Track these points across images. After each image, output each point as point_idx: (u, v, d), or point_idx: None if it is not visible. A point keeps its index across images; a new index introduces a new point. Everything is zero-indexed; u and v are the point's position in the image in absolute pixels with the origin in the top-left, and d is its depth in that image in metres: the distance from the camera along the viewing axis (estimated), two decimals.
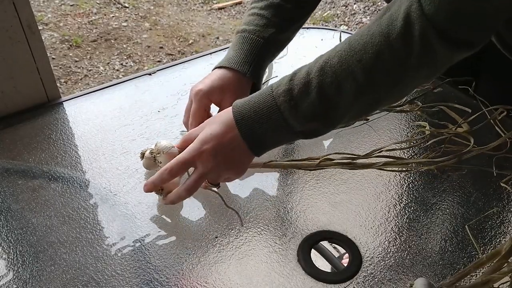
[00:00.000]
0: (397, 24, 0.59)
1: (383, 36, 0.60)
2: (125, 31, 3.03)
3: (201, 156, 0.68)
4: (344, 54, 0.62)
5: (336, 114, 0.65)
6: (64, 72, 2.66)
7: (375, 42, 0.60)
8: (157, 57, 2.82)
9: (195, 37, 3.02)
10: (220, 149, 0.68)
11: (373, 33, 0.61)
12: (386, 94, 0.65)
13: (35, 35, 0.89)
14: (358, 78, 0.62)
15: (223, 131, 0.68)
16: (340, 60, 0.62)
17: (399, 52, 0.60)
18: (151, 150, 0.77)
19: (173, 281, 0.65)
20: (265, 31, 0.83)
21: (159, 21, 3.16)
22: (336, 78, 0.62)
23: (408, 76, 0.63)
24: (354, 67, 0.61)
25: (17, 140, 0.86)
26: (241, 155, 0.69)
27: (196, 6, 3.38)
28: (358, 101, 0.64)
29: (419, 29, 0.58)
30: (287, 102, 0.65)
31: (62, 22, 3.04)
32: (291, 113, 0.65)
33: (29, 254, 0.68)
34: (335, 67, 0.63)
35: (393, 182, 0.80)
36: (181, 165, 0.69)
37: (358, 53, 0.61)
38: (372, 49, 0.60)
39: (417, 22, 0.58)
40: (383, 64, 0.61)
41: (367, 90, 0.63)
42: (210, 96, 0.79)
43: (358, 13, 3.29)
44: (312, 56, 1.08)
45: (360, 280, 0.66)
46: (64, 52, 2.80)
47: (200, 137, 0.69)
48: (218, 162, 0.68)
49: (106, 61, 2.76)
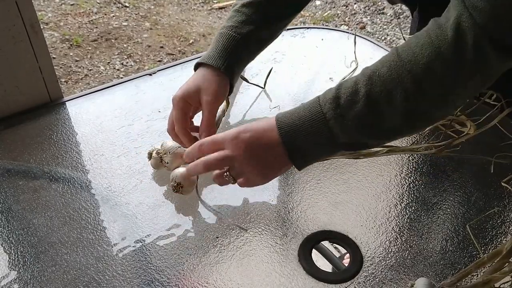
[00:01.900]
0: (447, 34, 0.58)
1: (433, 47, 0.59)
2: (125, 30, 3.03)
3: (234, 140, 0.66)
4: (393, 65, 0.61)
5: (384, 125, 0.63)
6: (65, 72, 2.66)
7: (425, 53, 0.59)
8: (157, 57, 2.82)
9: (196, 37, 3.02)
10: (255, 142, 0.66)
11: (423, 44, 0.60)
12: (437, 107, 0.63)
13: (37, 34, 0.89)
14: (408, 88, 0.60)
15: (263, 128, 0.66)
16: (389, 70, 0.61)
17: (452, 63, 0.59)
18: (158, 150, 0.78)
19: (174, 281, 0.65)
20: (243, 27, 0.82)
21: (160, 20, 3.15)
22: (385, 87, 0.61)
23: (460, 87, 0.61)
24: (404, 77, 0.60)
25: (18, 140, 0.86)
26: (275, 159, 0.66)
27: (196, 5, 3.38)
28: (407, 114, 0.62)
29: (472, 38, 0.57)
30: (333, 110, 0.62)
31: (62, 22, 3.04)
32: (336, 121, 0.62)
33: (30, 255, 0.68)
34: (384, 76, 0.61)
35: (394, 182, 0.80)
36: (211, 143, 0.68)
37: (408, 64, 0.60)
38: (422, 60, 0.59)
39: (470, 32, 0.57)
40: (435, 75, 0.60)
41: (417, 101, 0.61)
42: (187, 99, 0.78)
43: (359, 13, 3.29)
44: (312, 56, 1.09)
45: (361, 280, 0.66)
46: (64, 51, 2.80)
47: (238, 128, 0.67)
48: (248, 154, 0.66)
49: (107, 61, 2.76)
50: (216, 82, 0.79)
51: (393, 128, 0.64)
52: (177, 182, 0.73)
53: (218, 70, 0.79)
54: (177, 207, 0.76)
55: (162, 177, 0.79)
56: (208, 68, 0.79)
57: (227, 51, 0.80)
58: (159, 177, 0.80)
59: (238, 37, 0.81)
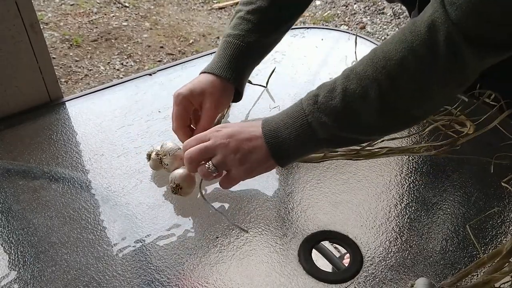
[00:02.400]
0: (421, 31, 0.58)
1: (406, 43, 0.60)
2: (125, 30, 3.03)
3: (216, 132, 0.69)
4: (369, 62, 0.62)
5: (360, 121, 0.64)
6: (65, 72, 2.66)
7: (399, 49, 0.60)
8: (157, 57, 2.82)
9: (196, 37, 3.02)
10: (236, 134, 0.68)
11: (397, 41, 0.61)
12: (413, 104, 0.63)
13: (37, 34, 0.89)
14: (382, 85, 0.61)
15: (247, 125, 0.70)
16: (365, 67, 0.62)
17: (424, 58, 0.59)
18: (157, 152, 0.78)
19: (174, 281, 0.65)
20: (250, 36, 0.82)
21: (160, 20, 3.15)
22: (360, 84, 0.62)
23: (435, 84, 0.61)
24: (378, 74, 0.61)
25: (18, 140, 0.86)
26: (255, 152, 0.68)
27: (196, 5, 3.38)
28: (382, 110, 0.63)
29: (444, 34, 0.57)
30: (311, 106, 0.65)
31: (62, 22, 3.04)
32: (314, 116, 0.65)
33: (30, 255, 0.68)
34: (360, 73, 0.63)
35: (394, 182, 0.80)
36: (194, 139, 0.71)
37: (382, 60, 0.61)
38: (395, 56, 0.60)
39: (442, 28, 0.57)
40: (408, 71, 0.60)
41: (391, 98, 0.62)
42: (191, 98, 0.78)
43: (359, 13, 3.29)
44: (312, 56, 1.09)
45: (361, 280, 0.66)
46: (64, 51, 2.80)
47: (225, 123, 0.71)
48: (228, 142, 0.68)
49: (107, 61, 2.76)
50: (221, 91, 0.80)
51: (370, 125, 0.65)
52: (176, 184, 0.73)
53: (227, 80, 0.80)
54: (177, 207, 0.76)
55: (162, 177, 0.79)
56: (215, 76, 0.80)
57: (235, 61, 0.81)
58: (159, 177, 0.80)
59: (245, 45, 0.82)
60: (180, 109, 0.78)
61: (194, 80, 0.81)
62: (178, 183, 0.73)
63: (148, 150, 0.80)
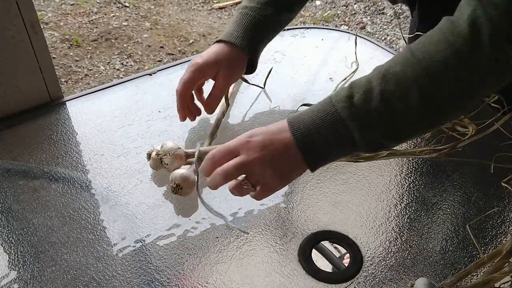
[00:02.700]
0: (463, 31, 0.57)
1: (448, 43, 0.58)
2: (125, 30, 3.03)
3: (247, 144, 0.63)
4: (407, 63, 0.60)
5: (400, 124, 0.61)
6: (65, 72, 2.66)
7: (440, 49, 0.58)
8: (157, 57, 2.82)
9: (196, 37, 3.02)
10: (268, 144, 0.63)
11: (437, 41, 0.59)
12: (454, 104, 0.62)
13: (37, 34, 0.89)
14: (423, 86, 0.59)
15: (274, 130, 0.64)
16: (403, 68, 0.60)
17: (468, 59, 0.58)
18: (157, 151, 0.78)
19: (174, 281, 0.65)
20: (266, 9, 0.84)
21: (160, 20, 3.15)
22: (399, 86, 0.60)
23: (477, 84, 0.60)
24: (419, 75, 0.59)
25: (18, 140, 0.86)
26: (289, 160, 0.63)
27: (196, 5, 3.38)
28: (423, 111, 0.61)
29: (487, 34, 0.56)
30: (347, 109, 0.60)
31: (62, 22, 3.04)
32: (351, 120, 0.60)
33: (30, 255, 0.68)
34: (399, 75, 0.60)
35: (394, 182, 0.80)
36: (224, 152, 0.65)
37: (423, 61, 0.59)
38: (437, 56, 0.58)
39: (485, 27, 0.56)
40: (451, 71, 0.59)
41: (433, 99, 0.60)
42: (205, 69, 0.81)
43: (359, 13, 3.29)
44: (312, 56, 1.09)
45: (361, 280, 0.66)
46: (64, 51, 2.80)
47: (247, 132, 0.65)
48: (264, 156, 0.63)
49: (107, 61, 2.76)
50: (235, 61, 0.83)
51: (409, 127, 0.62)
52: (176, 183, 0.73)
53: (241, 49, 0.82)
54: (177, 207, 0.76)
55: (162, 177, 0.79)
56: (229, 46, 0.82)
57: (251, 32, 0.83)
58: (159, 177, 0.80)
59: (261, 18, 0.83)
60: (189, 77, 0.81)
61: (209, 50, 0.83)
62: (178, 183, 0.73)
63: (148, 149, 0.80)
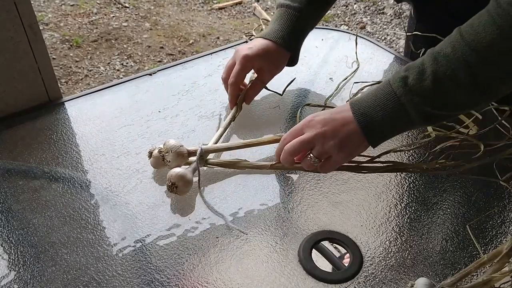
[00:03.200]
0: (510, 13, 0.61)
1: (496, 25, 0.62)
2: (125, 31, 3.03)
3: (310, 123, 0.72)
4: (457, 45, 0.65)
5: (451, 100, 0.67)
6: (65, 72, 2.66)
7: (488, 31, 0.62)
8: (157, 57, 2.82)
9: (196, 37, 3.02)
10: (330, 121, 0.71)
11: (485, 23, 0.63)
12: (502, 82, 0.66)
13: (36, 35, 0.89)
14: (472, 66, 0.64)
15: (336, 110, 0.73)
16: (453, 49, 0.65)
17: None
18: (160, 149, 0.78)
19: (174, 281, 0.65)
20: (306, 8, 0.90)
21: (160, 21, 3.15)
22: (450, 66, 0.65)
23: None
24: (468, 56, 0.64)
25: (18, 140, 0.86)
26: (350, 136, 0.70)
27: (196, 6, 3.38)
28: (473, 90, 0.66)
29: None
30: (402, 87, 0.67)
31: (62, 22, 3.04)
32: (406, 98, 0.67)
33: (30, 255, 0.68)
34: (449, 56, 0.65)
35: (394, 182, 0.80)
36: (292, 132, 0.74)
37: (471, 43, 0.63)
38: (486, 39, 0.62)
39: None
40: (499, 53, 0.63)
41: (481, 78, 0.65)
42: (254, 62, 0.89)
43: (359, 13, 3.29)
44: (312, 56, 1.09)
45: (361, 280, 0.66)
46: (64, 52, 2.80)
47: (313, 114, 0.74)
48: (325, 131, 0.71)
49: (107, 61, 2.76)
50: (281, 57, 0.92)
51: (461, 102, 0.68)
52: (171, 182, 0.73)
53: (285, 48, 0.90)
54: (177, 207, 0.76)
55: (162, 177, 0.79)
56: (274, 43, 0.89)
57: (293, 30, 0.90)
58: (159, 177, 0.80)
59: (301, 16, 0.90)
60: (242, 68, 0.88)
61: (258, 44, 0.89)
62: (173, 181, 0.73)
63: (149, 148, 0.80)
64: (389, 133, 0.72)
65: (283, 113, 0.94)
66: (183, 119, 0.91)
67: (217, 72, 1.04)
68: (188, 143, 0.80)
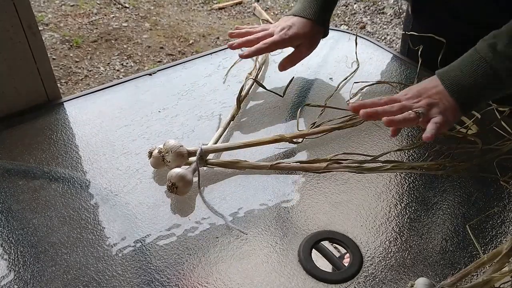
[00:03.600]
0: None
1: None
2: (125, 31, 3.03)
3: (405, 96, 0.76)
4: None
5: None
6: (65, 73, 2.66)
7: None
8: (157, 57, 2.82)
9: (196, 37, 3.02)
10: (423, 91, 0.75)
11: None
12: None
13: (35, 35, 0.89)
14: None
15: (427, 82, 0.76)
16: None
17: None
18: (160, 149, 0.78)
19: (174, 281, 0.65)
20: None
21: (160, 21, 3.15)
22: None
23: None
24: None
25: (18, 140, 0.86)
26: (444, 103, 0.73)
27: (196, 6, 3.38)
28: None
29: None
30: (491, 53, 0.71)
31: (62, 23, 3.04)
32: (497, 63, 0.70)
33: (30, 255, 0.68)
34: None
35: (394, 182, 0.80)
36: (387, 99, 0.76)
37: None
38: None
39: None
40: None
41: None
42: (293, 41, 0.94)
43: (359, 13, 3.29)
44: (312, 56, 1.08)
45: (361, 280, 0.66)
46: (64, 52, 2.80)
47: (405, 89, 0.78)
48: (419, 100, 0.74)
49: (107, 62, 2.76)
50: (316, 34, 0.98)
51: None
52: (172, 182, 0.73)
53: (319, 25, 0.96)
54: (177, 207, 0.76)
55: (162, 177, 0.79)
56: (309, 20, 0.94)
57: (322, 6, 0.96)
58: (159, 177, 0.80)
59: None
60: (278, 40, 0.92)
61: (295, 22, 0.94)
62: (174, 182, 0.73)
63: (149, 148, 0.80)
64: (479, 99, 0.74)
65: (283, 113, 0.94)
66: (183, 119, 0.91)
67: (217, 72, 1.04)
68: (188, 143, 0.80)
